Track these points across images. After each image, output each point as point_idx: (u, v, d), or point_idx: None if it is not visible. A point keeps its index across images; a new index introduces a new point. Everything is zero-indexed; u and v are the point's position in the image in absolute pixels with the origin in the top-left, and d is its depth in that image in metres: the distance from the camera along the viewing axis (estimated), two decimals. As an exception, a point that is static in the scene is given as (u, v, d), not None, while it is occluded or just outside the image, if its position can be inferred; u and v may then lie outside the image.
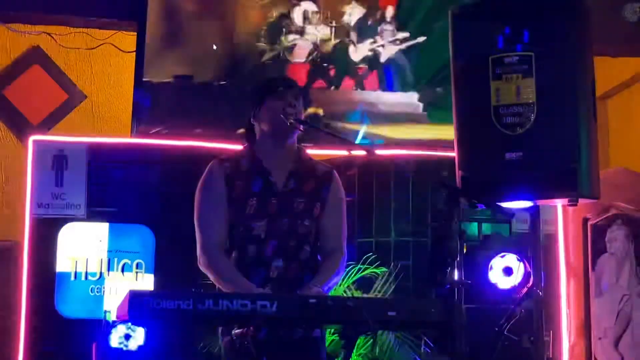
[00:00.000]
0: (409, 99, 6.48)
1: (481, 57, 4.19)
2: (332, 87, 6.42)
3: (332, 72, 6.41)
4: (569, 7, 4.13)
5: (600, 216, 6.67)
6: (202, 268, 3.87)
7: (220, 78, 6.26)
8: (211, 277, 3.84)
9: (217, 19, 6.34)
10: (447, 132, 5.21)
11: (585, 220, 6.71)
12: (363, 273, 5.84)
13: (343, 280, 5.69)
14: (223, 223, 3.86)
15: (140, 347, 4.88)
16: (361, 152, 3.90)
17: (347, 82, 6.44)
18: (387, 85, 6.45)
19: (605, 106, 7.09)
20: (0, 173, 6.56)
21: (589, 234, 6.71)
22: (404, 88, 6.48)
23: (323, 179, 3.97)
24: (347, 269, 5.76)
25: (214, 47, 6.27)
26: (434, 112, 6.45)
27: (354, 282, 5.79)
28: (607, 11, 6.72)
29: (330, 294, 3.90)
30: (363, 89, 6.44)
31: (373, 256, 5.93)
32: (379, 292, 5.82)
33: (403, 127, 6.46)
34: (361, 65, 6.45)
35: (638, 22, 6.87)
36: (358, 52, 6.46)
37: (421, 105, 6.48)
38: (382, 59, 6.46)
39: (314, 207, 3.91)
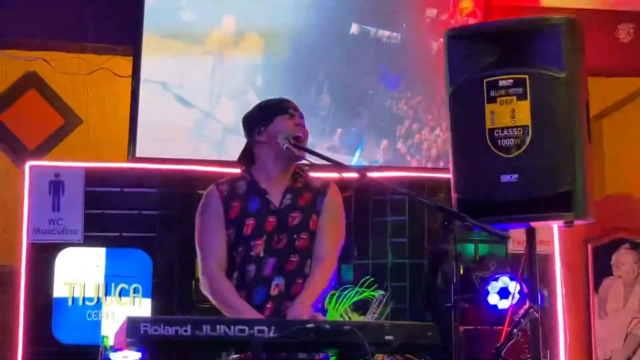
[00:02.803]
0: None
1: (476, 79, 4.20)
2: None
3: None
4: (563, 29, 4.14)
5: (603, 239, 6.68)
6: (204, 291, 3.88)
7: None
8: (212, 301, 3.84)
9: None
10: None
11: (585, 242, 6.72)
12: (361, 296, 5.84)
13: (341, 303, 5.70)
14: (223, 246, 3.87)
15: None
16: (354, 175, 3.89)
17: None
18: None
19: (600, 126, 7.11)
20: (-3, 199, 6.56)
21: (590, 255, 6.72)
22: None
23: (319, 192, 3.96)
24: (345, 292, 5.76)
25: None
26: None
27: (351, 305, 5.79)
28: (601, 32, 6.75)
29: (327, 317, 3.89)
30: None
31: (371, 279, 5.94)
32: (376, 314, 5.82)
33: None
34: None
35: (631, 43, 6.91)
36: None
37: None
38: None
39: (310, 220, 3.89)
